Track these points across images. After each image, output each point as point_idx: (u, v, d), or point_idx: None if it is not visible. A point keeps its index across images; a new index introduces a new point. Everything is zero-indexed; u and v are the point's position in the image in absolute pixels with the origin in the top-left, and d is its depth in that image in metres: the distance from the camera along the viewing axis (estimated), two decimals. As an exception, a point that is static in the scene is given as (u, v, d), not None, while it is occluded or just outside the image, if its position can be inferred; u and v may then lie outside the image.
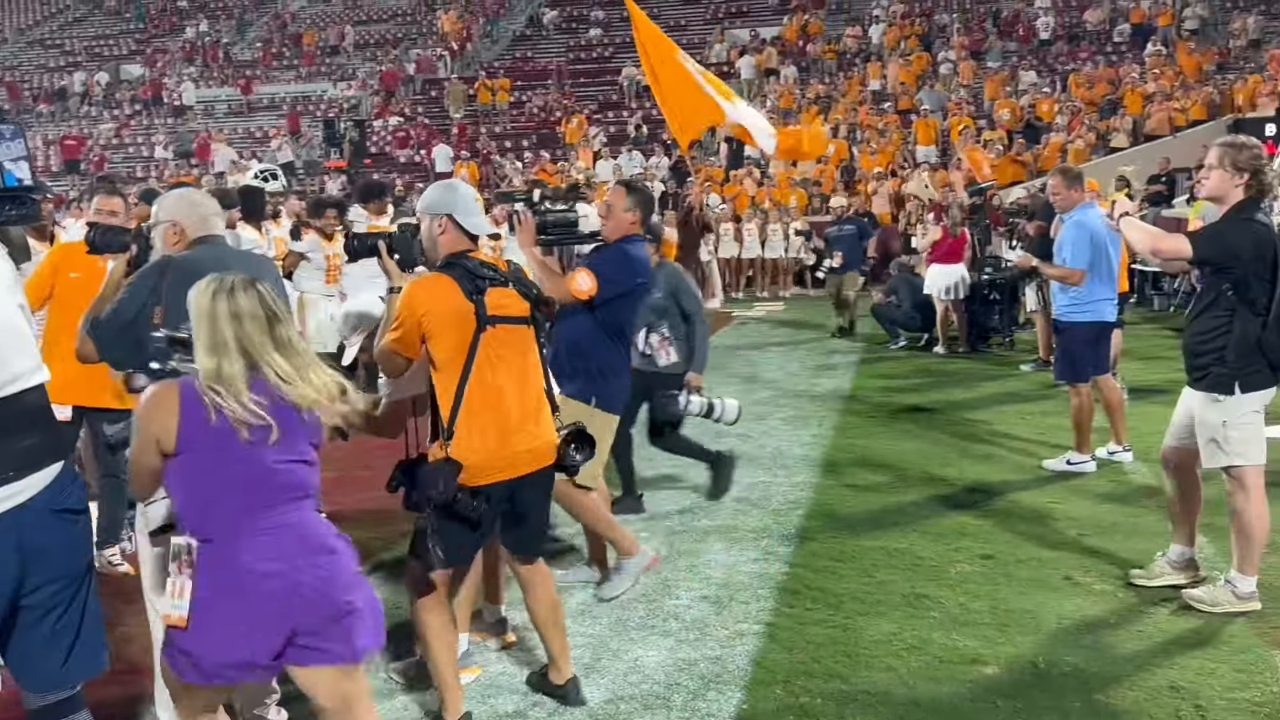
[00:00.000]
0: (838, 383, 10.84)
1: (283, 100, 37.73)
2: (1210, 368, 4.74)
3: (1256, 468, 4.79)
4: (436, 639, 3.90)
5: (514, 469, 3.86)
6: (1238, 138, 4.89)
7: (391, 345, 3.83)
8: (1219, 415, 4.73)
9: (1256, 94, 23.91)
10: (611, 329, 4.97)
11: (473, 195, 4.07)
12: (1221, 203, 4.79)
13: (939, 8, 35.00)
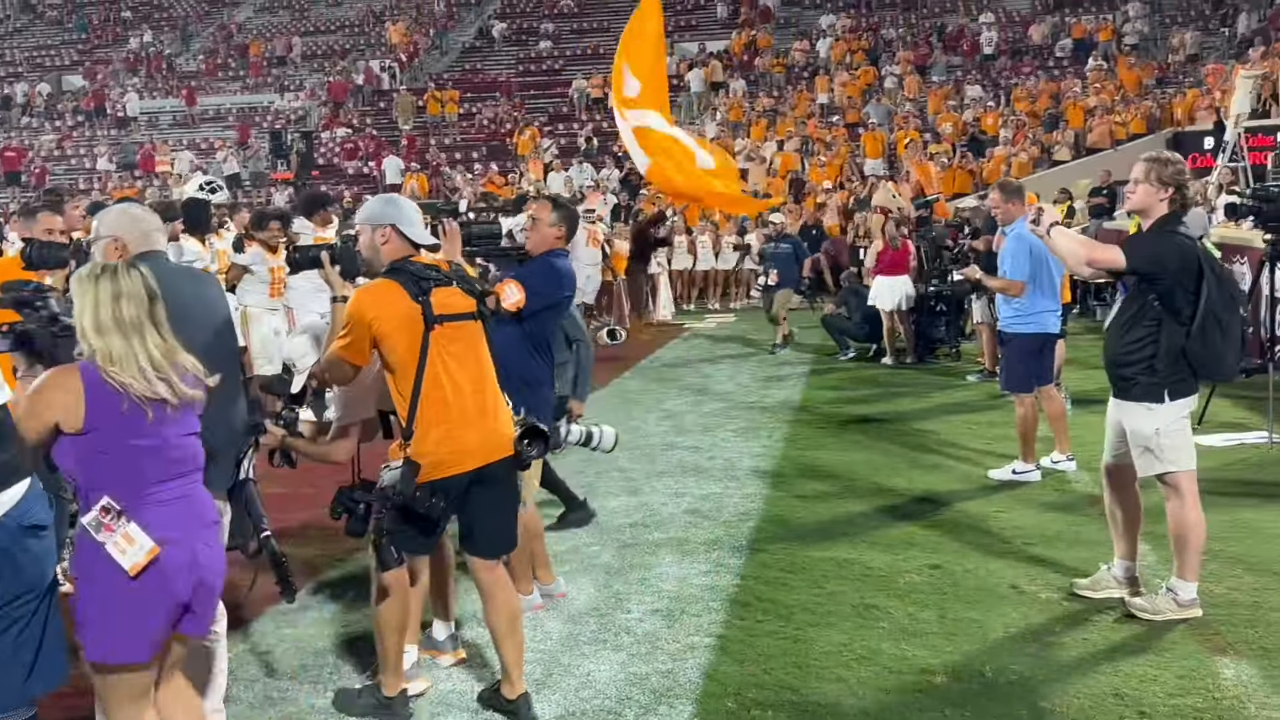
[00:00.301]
0: (788, 394, 10.91)
1: (228, 111, 37.36)
2: (1139, 378, 4.85)
3: (1189, 473, 4.91)
4: (392, 633, 4.07)
5: (471, 461, 3.94)
6: (1163, 154, 5.04)
7: (340, 352, 3.90)
8: (1151, 424, 4.84)
9: (1195, 108, 24.43)
10: (538, 341, 5.03)
11: (414, 207, 4.17)
12: (1146, 216, 4.93)
13: (885, 23, 35.44)
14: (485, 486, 4.03)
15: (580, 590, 5.51)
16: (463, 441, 3.92)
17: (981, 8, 35.37)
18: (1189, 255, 4.77)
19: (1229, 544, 5.80)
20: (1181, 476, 4.88)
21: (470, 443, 3.93)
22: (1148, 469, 4.91)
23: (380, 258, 4.02)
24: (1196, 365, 4.81)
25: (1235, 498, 6.68)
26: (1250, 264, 10.67)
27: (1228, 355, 4.81)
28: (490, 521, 4.13)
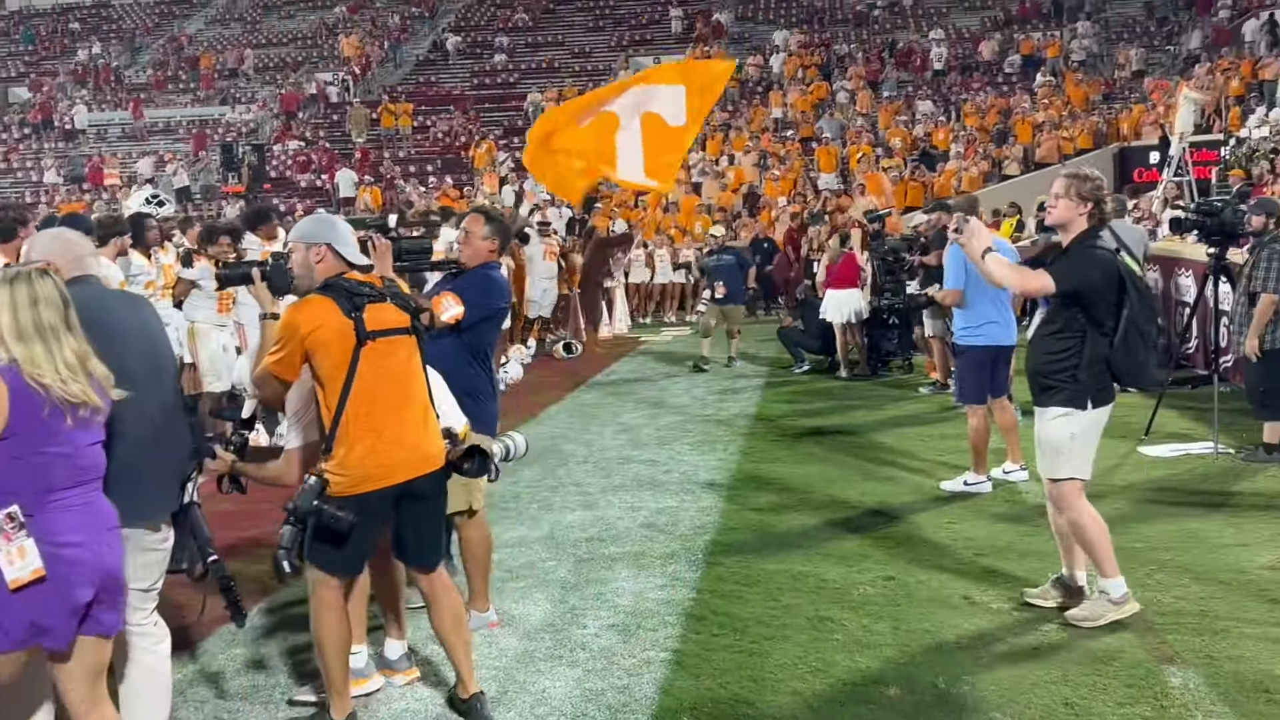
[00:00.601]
0: (743, 406, 10.96)
1: (178, 124, 36.98)
2: (1062, 386, 4.96)
3: (1084, 482, 5.06)
4: (333, 654, 4.04)
5: (398, 474, 3.96)
6: (1081, 170, 5.19)
7: (272, 368, 3.94)
8: (1068, 428, 4.97)
9: (1141, 123, 24.88)
10: (476, 352, 5.05)
11: (348, 228, 4.21)
12: (1066, 230, 5.05)
13: (837, 39, 35.80)
14: (414, 500, 4.06)
15: (536, 606, 5.49)
16: (390, 455, 3.94)
17: (932, 24, 35.84)
18: (1111, 269, 4.91)
19: (1176, 554, 5.90)
20: (1079, 485, 5.04)
21: (398, 457, 3.96)
22: (1051, 471, 5.05)
23: (314, 276, 4.04)
24: (1120, 374, 4.97)
25: (1182, 508, 6.80)
26: (1195, 277, 10.88)
27: (1149, 363, 5.01)
28: (421, 533, 4.17)
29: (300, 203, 27.57)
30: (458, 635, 4.23)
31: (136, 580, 3.59)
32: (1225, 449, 8.02)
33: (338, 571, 4.05)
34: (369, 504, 3.92)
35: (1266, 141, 19.04)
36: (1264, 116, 21.97)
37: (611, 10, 40.76)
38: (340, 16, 43.04)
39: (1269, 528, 6.28)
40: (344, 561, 4.03)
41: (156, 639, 3.77)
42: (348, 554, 4.00)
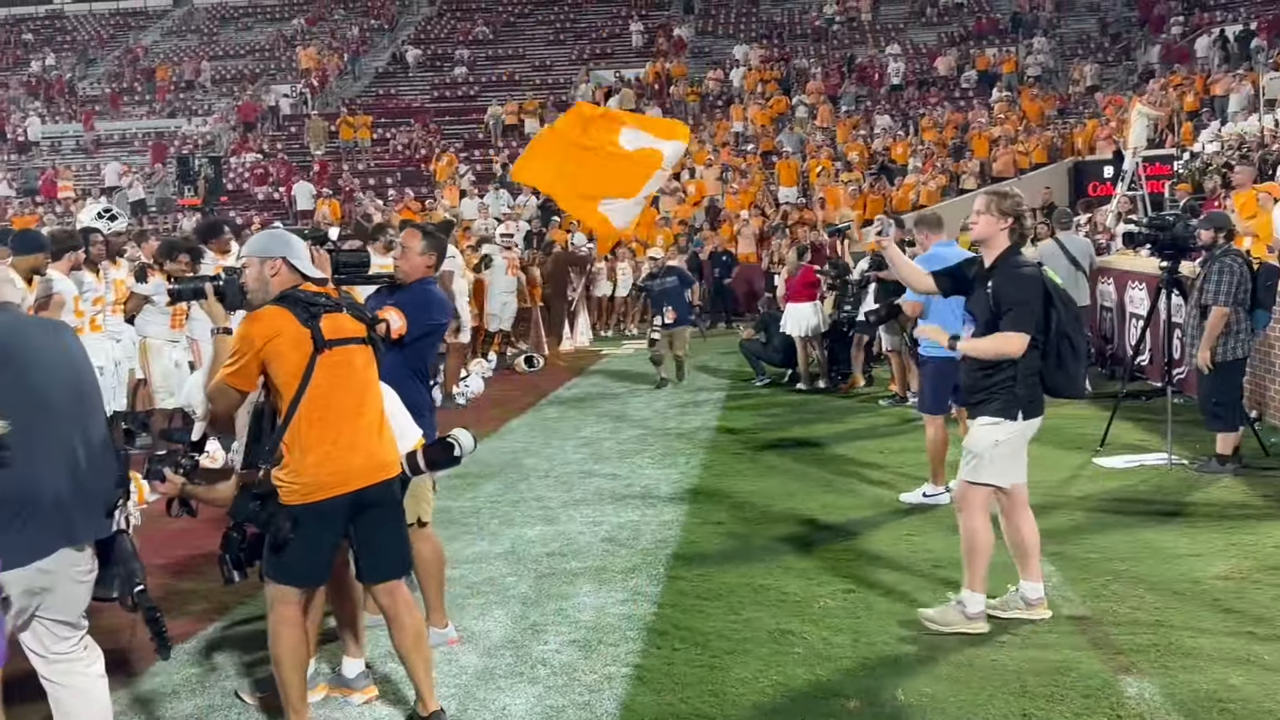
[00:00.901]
0: (704, 420, 10.98)
1: (134, 136, 36.59)
2: (997, 397, 5.05)
3: (994, 491, 5.14)
4: (289, 670, 4.00)
5: (352, 482, 3.96)
6: (1002, 187, 5.36)
7: (228, 379, 3.92)
8: (994, 435, 5.06)
9: (1095, 138, 25.24)
10: (417, 367, 5.08)
11: (303, 243, 4.22)
12: (988, 246, 5.14)
13: (796, 54, 36.07)
14: (370, 510, 4.04)
15: (496, 622, 5.46)
16: (344, 463, 3.94)
17: (889, 39, 36.21)
18: (1039, 284, 5.02)
19: (1131, 564, 5.96)
20: (988, 494, 5.13)
21: (352, 464, 3.96)
22: (970, 476, 5.12)
23: (269, 289, 4.04)
24: (1052, 385, 5.08)
25: (1136, 518, 6.88)
26: (1148, 290, 11.04)
27: (1079, 374, 5.12)
28: (379, 543, 4.13)
29: (258, 215, 27.32)
30: (418, 653, 4.21)
31: (61, 611, 3.55)
32: (1179, 460, 8.13)
33: (296, 583, 4.01)
34: (322, 512, 3.91)
35: (1219, 156, 19.36)
36: (1216, 131, 22.36)
37: (572, 24, 40.87)
38: (298, 29, 42.83)
39: (1222, 538, 6.36)
40: (301, 573, 4.01)
41: (88, 662, 3.70)
42: (304, 566, 3.98)
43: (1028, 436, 5.15)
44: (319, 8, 44.48)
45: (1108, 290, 13.09)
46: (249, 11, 45.60)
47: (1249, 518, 6.75)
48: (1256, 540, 6.27)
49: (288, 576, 3.98)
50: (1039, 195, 21.67)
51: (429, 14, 43.73)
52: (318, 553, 4.00)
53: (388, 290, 5.20)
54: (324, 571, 4.13)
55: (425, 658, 4.24)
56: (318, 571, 4.09)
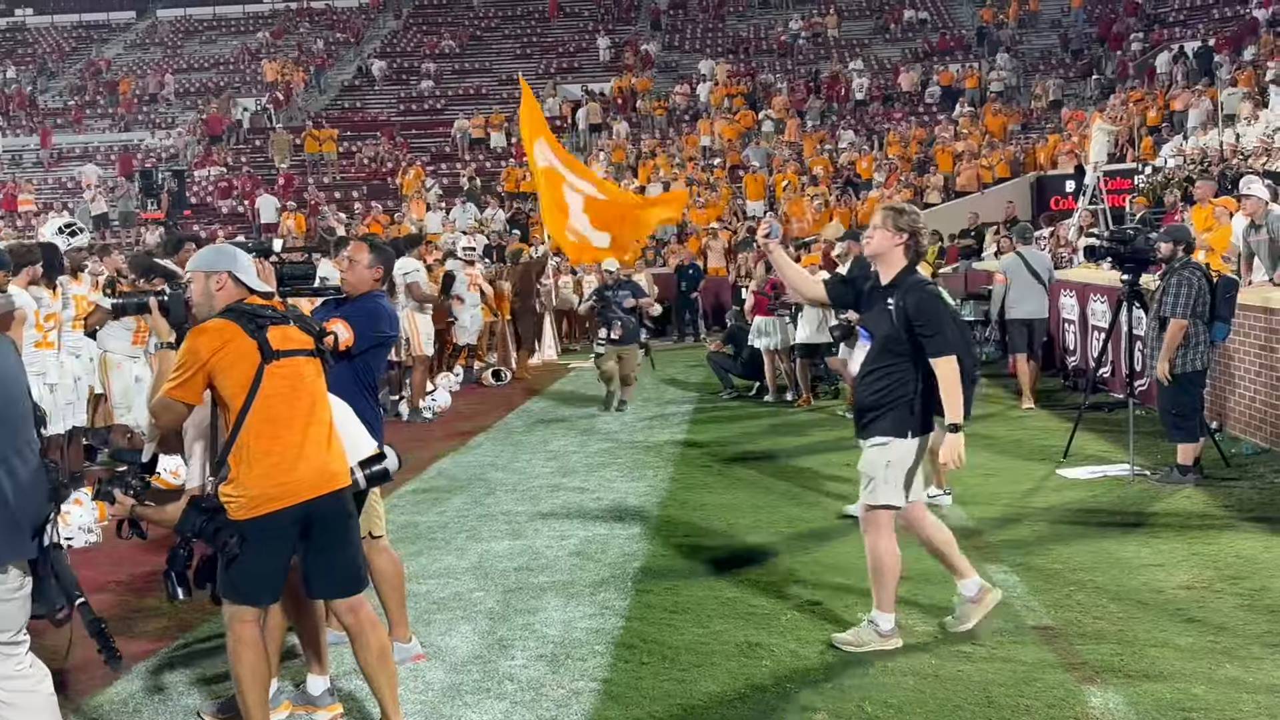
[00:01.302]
0: (672, 433, 10.98)
1: (96, 149, 36.25)
2: (890, 415, 5.02)
3: (896, 512, 5.13)
4: (250, 689, 3.95)
5: (296, 495, 3.91)
6: (899, 204, 5.34)
7: (173, 393, 3.89)
8: (887, 456, 5.03)
9: (1057, 152, 25.54)
10: (366, 381, 5.03)
11: (249, 257, 4.23)
12: (884, 262, 5.11)
13: (763, 69, 36.28)
14: (321, 523, 4.00)
15: (463, 638, 5.43)
16: (292, 474, 3.91)
17: (854, 55, 36.50)
18: (942, 299, 5.05)
19: (1094, 574, 6.01)
20: (891, 515, 5.11)
21: (301, 474, 3.92)
22: (869, 499, 5.09)
23: (214, 304, 4.04)
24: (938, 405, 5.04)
25: (1100, 528, 6.94)
26: (1109, 302, 11.16)
27: (969, 395, 5.09)
28: (332, 558, 4.08)
29: (222, 229, 27.14)
30: (383, 670, 4.16)
31: None
32: (1141, 470, 8.22)
33: (248, 602, 3.96)
34: (272, 525, 3.87)
35: (1180, 170, 19.63)
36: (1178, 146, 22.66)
37: (539, 38, 40.93)
38: (264, 42, 42.62)
39: (1184, 547, 6.43)
40: (253, 591, 3.95)
41: (36, 679, 3.62)
42: (255, 583, 3.94)
43: (916, 454, 5.11)
44: (284, 21, 44.31)
45: (1070, 303, 13.23)
46: (213, 25, 45.36)
47: (1210, 528, 6.83)
48: (1218, 550, 6.34)
49: (240, 595, 3.94)
50: (1003, 209, 21.90)
51: (395, 27, 43.65)
52: (269, 569, 3.95)
53: (335, 303, 5.17)
54: (276, 588, 4.06)
55: (390, 674, 4.20)
56: (270, 588, 4.03)
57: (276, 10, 45.52)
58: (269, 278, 4.65)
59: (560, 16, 42.17)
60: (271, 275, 4.68)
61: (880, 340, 5.13)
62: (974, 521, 7.22)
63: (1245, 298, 8.84)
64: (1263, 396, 8.70)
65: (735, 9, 41.62)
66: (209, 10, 46.08)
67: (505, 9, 43.57)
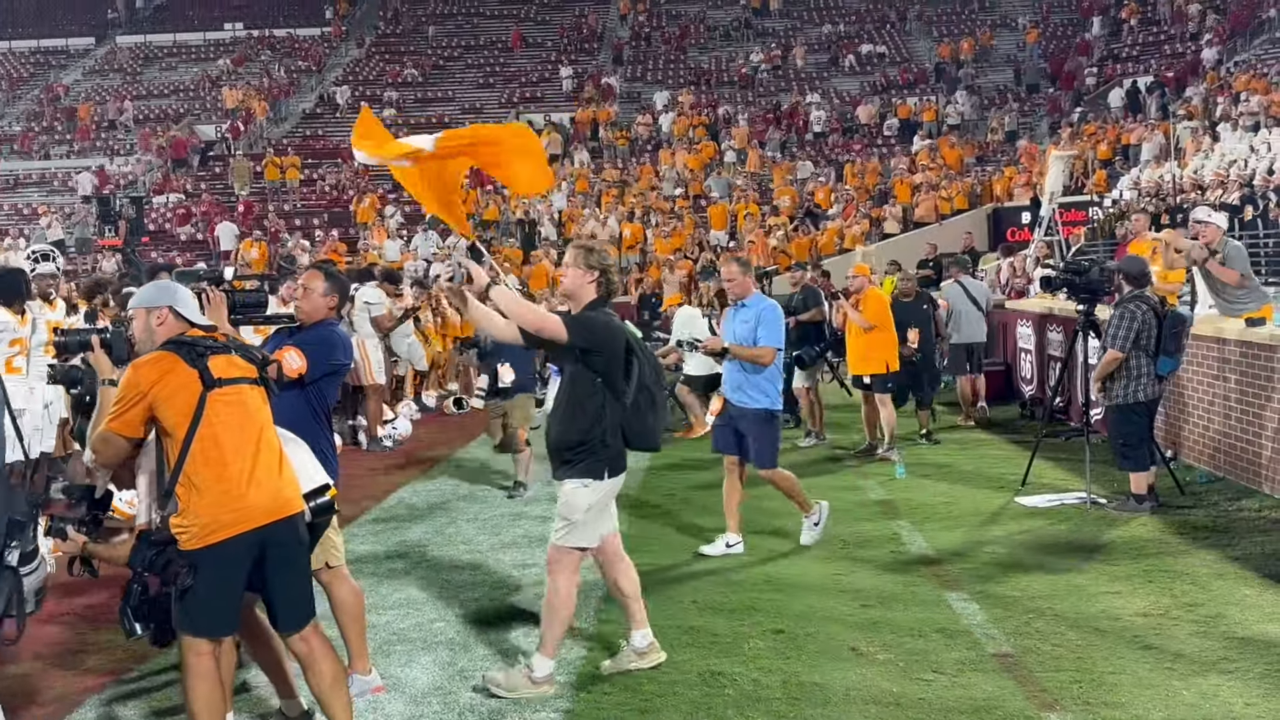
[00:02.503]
0: (633, 460, 10.89)
1: (53, 175, 35.88)
2: (585, 456, 4.96)
3: (585, 551, 5.14)
4: (203, 710, 3.92)
5: (249, 521, 3.86)
6: (589, 242, 5.36)
7: (114, 426, 3.89)
8: (588, 499, 4.99)
9: (1013, 184, 25.92)
10: (318, 408, 5.01)
11: (189, 293, 4.25)
12: (576, 299, 5.10)
13: (724, 99, 36.61)
14: (276, 550, 3.96)
15: (423, 669, 5.37)
16: (245, 500, 3.87)
17: (813, 87, 36.92)
18: (622, 335, 5.02)
19: (1053, 601, 6.06)
20: (580, 556, 5.10)
21: (253, 500, 3.88)
22: (561, 540, 5.04)
23: (155, 339, 4.04)
24: (631, 437, 5.03)
25: (1058, 557, 6.99)
26: (1065, 332, 11.31)
27: (657, 426, 5.09)
28: (287, 587, 4.05)
29: (180, 255, 26.90)
30: (337, 697, 4.13)
31: None
32: (1098, 499, 8.30)
33: (208, 633, 3.91)
34: (225, 554, 3.83)
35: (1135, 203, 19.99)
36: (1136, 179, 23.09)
37: (502, 67, 41.06)
38: (224, 69, 42.45)
39: (1141, 575, 6.50)
40: (208, 622, 3.90)
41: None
42: (210, 613, 3.89)
43: (613, 495, 5.09)
44: (245, 49, 44.17)
45: (1027, 333, 13.39)
46: (173, 51, 45.12)
47: (1166, 555, 6.91)
48: (1173, 578, 6.41)
49: (197, 627, 3.89)
50: (960, 240, 22.17)
51: (357, 56, 43.63)
52: (224, 598, 3.91)
53: (288, 331, 5.14)
54: (233, 618, 4.02)
55: (345, 702, 4.17)
56: (227, 619, 3.98)
57: (238, 38, 45.37)
58: (220, 305, 4.63)
59: (523, 46, 42.35)
60: (223, 302, 4.66)
61: (567, 375, 5.06)
62: (933, 550, 7.26)
63: (1198, 328, 8.99)
64: (1216, 425, 8.84)
65: (696, 41, 42.01)
66: (169, 37, 45.85)
67: (468, 38, 43.72)
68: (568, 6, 45.54)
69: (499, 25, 44.38)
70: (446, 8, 46.65)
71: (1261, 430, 8.09)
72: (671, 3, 44.80)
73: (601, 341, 4.91)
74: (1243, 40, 32.31)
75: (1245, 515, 7.69)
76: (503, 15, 45.08)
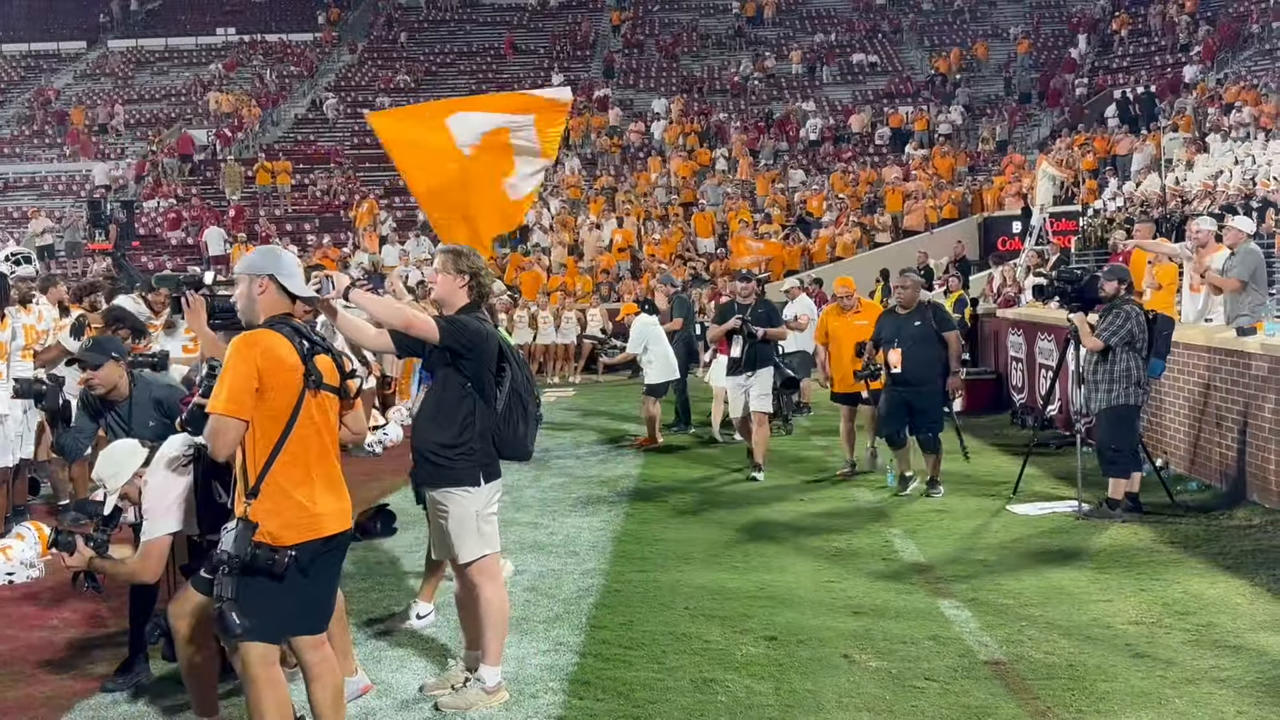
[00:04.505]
0: (627, 468, 10.96)
1: (44, 179, 35.78)
2: (456, 462, 4.84)
3: (497, 554, 5.07)
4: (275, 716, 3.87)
5: (318, 530, 3.83)
6: (457, 247, 5.24)
7: (228, 409, 3.70)
8: (472, 507, 4.88)
9: (1004, 193, 26.00)
10: None
11: (295, 260, 4.10)
12: (448, 305, 5.01)
13: (716, 108, 36.67)
14: (324, 556, 3.92)
15: (415, 675, 5.36)
16: (325, 506, 3.87)
17: (806, 96, 37.01)
18: (494, 339, 4.95)
19: (1045, 609, 6.07)
20: (495, 558, 5.04)
21: (331, 508, 3.89)
22: (469, 554, 4.91)
23: (256, 310, 3.95)
24: (501, 445, 4.93)
25: (1050, 564, 7.00)
26: (1056, 341, 11.34)
27: (529, 436, 5.01)
28: (320, 593, 4.01)
29: (170, 260, 26.81)
30: (336, 713, 4.08)
31: None
32: (1089, 506, 8.32)
33: (276, 636, 3.86)
34: (296, 558, 3.76)
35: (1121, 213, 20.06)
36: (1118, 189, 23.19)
37: (494, 74, 41.04)
38: (216, 74, 42.38)
39: (1132, 582, 6.51)
40: (270, 624, 3.80)
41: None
42: (283, 615, 3.82)
43: (494, 499, 5.00)
44: (237, 54, 44.12)
45: (1017, 341, 13.42)
46: (165, 56, 45.04)
47: (1157, 563, 6.92)
48: (1165, 586, 6.43)
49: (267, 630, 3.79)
50: (951, 249, 22.24)
51: (350, 61, 43.61)
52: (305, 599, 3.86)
53: None
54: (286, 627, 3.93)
55: (341, 717, 4.13)
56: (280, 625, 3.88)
57: (230, 43, 45.30)
58: (200, 310, 4.60)
59: (515, 54, 42.36)
60: (202, 308, 4.63)
61: (440, 379, 4.95)
62: (926, 557, 7.27)
63: (1188, 336, 9.03)
64: (1206, 434, 8.87)
65: (689, 49, 42.09)
66: (161, 41, 45.76)
67: (460, 45, 43.73)
68: (560, 14, 45.59)
69: (491, 32, 44.40)
70: (439, 14, 46.66)
71: (1252, 439, 8.11)
72: (664, 11, 44.88)
73: (472, 344, 4.80)
74: (1231, 52, 32.51)
75: (1236, 524, 7.72)
76: (495, 22, 45.11)
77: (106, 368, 5.20)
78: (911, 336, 8.97)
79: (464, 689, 4.95)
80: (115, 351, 5.30)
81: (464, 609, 5.18)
